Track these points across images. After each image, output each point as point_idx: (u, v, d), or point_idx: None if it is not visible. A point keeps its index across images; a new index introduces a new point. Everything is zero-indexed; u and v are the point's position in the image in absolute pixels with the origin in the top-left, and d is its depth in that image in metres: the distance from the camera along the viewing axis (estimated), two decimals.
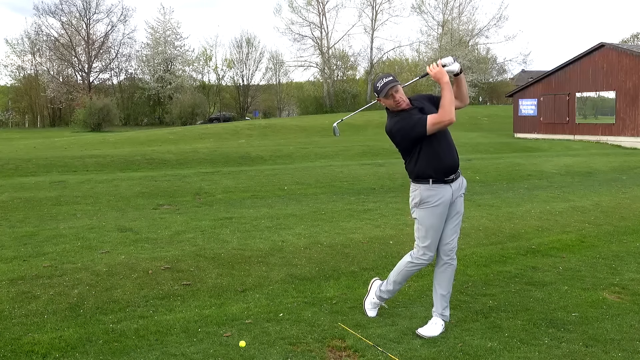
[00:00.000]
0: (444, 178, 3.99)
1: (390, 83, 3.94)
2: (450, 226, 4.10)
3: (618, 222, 8.04)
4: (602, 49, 26.22)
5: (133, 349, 3.76)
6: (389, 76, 4.00)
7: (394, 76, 4.02)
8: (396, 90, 3.96)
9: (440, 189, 3.99)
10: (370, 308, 4.38)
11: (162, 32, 65.76)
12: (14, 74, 64.03)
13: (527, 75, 59.89)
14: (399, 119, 4.01)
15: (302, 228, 7.32)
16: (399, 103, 3.98)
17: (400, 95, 3.98)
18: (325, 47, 65.33)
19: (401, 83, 4.03)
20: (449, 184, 4.02)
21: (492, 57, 66.27)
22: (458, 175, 4.10)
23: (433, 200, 3.99)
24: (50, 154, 18.40)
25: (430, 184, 3.99)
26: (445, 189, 4.00)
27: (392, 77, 4.00)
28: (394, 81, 3.95)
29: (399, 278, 4.24)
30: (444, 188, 4.00)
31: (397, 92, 3.97)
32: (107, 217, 8.27)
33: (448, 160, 3.99)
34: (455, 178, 4.05)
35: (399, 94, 3.97)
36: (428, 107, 4.04)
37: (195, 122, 53.45)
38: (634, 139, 24.57)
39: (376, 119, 34.68)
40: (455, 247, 4.14)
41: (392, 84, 3.93)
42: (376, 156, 18.12)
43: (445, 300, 4.14)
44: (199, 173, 13.43)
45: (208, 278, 5.23)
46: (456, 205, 4.09)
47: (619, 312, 4.45)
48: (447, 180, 4.00)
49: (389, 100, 3.99)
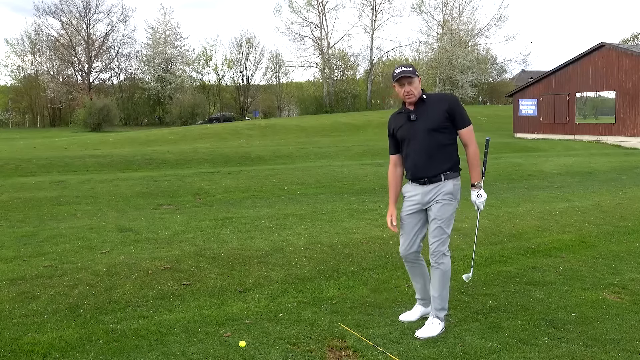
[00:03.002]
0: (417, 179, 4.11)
1: (406, 73, 3.97)
2: (429, 230, 4.12)
3: (618, 222, 8.04)
4: (602, 49, 26.22)
5: (133, 349, 3.76)
6: (409, 67, 4.02)
7: (413, 68, 4.03)
8: (410, 82, 3.98)
9: (414, 186, 4.15)
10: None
11: (162, 32, 65.74)
12: (14, 74, 64.11)
13: (527, 75, 59.90)
14: (391, 117, 4.26)
15: (302, 228, 7.32)
16: (409, 95, 4.00)
17: (411, 88, 3.98)
18: (325, 47, 65.35)
19: (420, 77, 4.06)
20: (422, 185, 4.09)
21: (492, 57, 66.33)
22: (436, 179, 4.04)
23: (407, 196, 4.21)
24: (50, 154, 18.39)
25: (410, 182, 4.20)
26: (418, 188, 4.12)
27: (411, 68, 4.02)
28: (411, 73, 3.97)
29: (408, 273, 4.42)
30: (418, 187, 4.12)
31: (411, 84, 3.98)
32: (107, 217, 8.27)
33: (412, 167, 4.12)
34: (428, 182, 4.06)
35: (411, 86, 3.98)
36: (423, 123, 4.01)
37: (195, 122, 53.42)
38: (633, 139, 24.57)
39: (376, 119, 34.69)
40: (437, 251, 4.04)
41: (408, 74, 3.97)
42: (376, 156, 18.11)
43: (438, 301, 4.08)
44: (199, 173, 13.43)
45: (208, 278, 5.23)
46: (432, 210, 4.07)
47: (619, 312, 4.45)
48: (420, 181, 4.09)
49: (401, 89, 4.02)
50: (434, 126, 4.00)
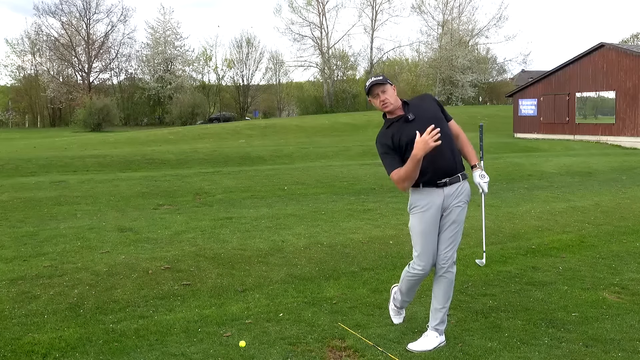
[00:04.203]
0: (436, 181, 3.74)
1: (377, 82, 3.76)
2: (445, 236, 3.81)
3: (618, 222, 8.03)
4: (602, 49, 26.22)
5: (133, 349, 3.76)
6: (379, 76, 3.82)
7: (384, 76, 3.82)
8: (383, 91, 3.75)
9: (430, 193, 3.76)
10: (393, 315, 4.23)
11: (162, 32, 65.78)
12: (14, 74, 64.21)
13: (527, 75, 59.85)
14: (381, 133, 3.85)
15: (302, 228, 7.32)
16: (385, 104, 3.77)
17: (386, 96, 3.76)
18: (325, 47, 65.39)
19: (393, 84, 3.85)
20: (441, 188, 3.75)
21: (492, 57, 66.42)
22: (455, 180, 3.78)
23: (422, 205, 3.78)
24: (50, 154, 18.39)
25: (421, 188, 3.77)
26: (435, 193, 3.75)
27: (382, 77, 3.81)
28: (382, 80, 3.76)
29: (403, 287, 4.03)
30: (435, 192, 3.75)
31: (385, 92, 3.76)
32: (107, 217, 8.27)
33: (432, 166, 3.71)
34: (449, 183, 3.75)
35: (385, 95, 3.76)
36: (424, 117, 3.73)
37: (195, 122, 53.44)
38: (633, 139, 24.57)
39: (376, 119, 34.68)
40: (450, 258, 3.81)
41: (378, 82, 3.75)
42: (376, 156, 18.04)
43: (440, 315, 3.84)
44: (199, 173, 13.43)
45: (208, 278, 5.23)
46: (452, 214, 3.78)
47: (619, 312, 4.45)
48: (439, 184, 3.74)
49: (375, 100, 3.80)
50: (436, 116, 3.78)
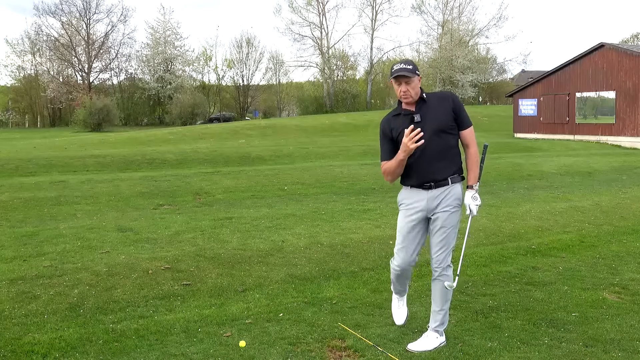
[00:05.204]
0: (423, 184, 3.76)
1: (405, 71, 3.65)
2: (435, 240, 3.80)
3: (618, 222, 8.04)
4: (602, 49, 26.23)
5: (133, 349, 3.76)
6: (410, 64, 3.70)
7: (414, 66, 3.70)
8: (407, 82, 3.66)
9: (418, 193, 3.79)
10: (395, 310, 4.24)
11: (162, 32, 65.71)
12: (14, 74, 64.14)
13: (527, 75, 59.88)
14: (387, 118, 3.88)
15: (302, 228, 7.32)
16: (405, 95, 3.70)
17: (408, 88, 3.67)
18: (325, 47, 65.33)
19: (421, 76, 3.75)
20: (427, 190, 3.75)
21: (492, 57, 66.31)
22: (443, 183, 3.76)
23: (407, 203, 3.85)
24: (50, 154, 18.39)
25: (410, 188, 3.84)
26: (421, 194, 3.78)
27: (412, 66, 3.68)
28: (410, 71, 3.65)
29: (392, 278, 4.10)
30: (421, 193, 3.78)
31: (409, 84, 3.67)
32: (107, 217, 8.27)
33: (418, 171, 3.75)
34: (434, 186, 3.75)
35: (409, 86, 3.67)
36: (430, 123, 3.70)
37: (195, 122, 53.42)
38: (633, 139, 24.57)
39: (376, 119, 34.66)
40: (442, 262, 3.78)
41: (404, 73, 3.65)
42: (376, 156, 18.10)
43: (439, 317, 3.84)
44: (199, 173, 13.43)
45: (208, 278, 5.23)
46: (439, 220, 3.77)
47: (619, 312, 4.45)
48: (425, 186, 3.76)
49: (398, 87, 3.71)
50: (442, 127, 3.71)
